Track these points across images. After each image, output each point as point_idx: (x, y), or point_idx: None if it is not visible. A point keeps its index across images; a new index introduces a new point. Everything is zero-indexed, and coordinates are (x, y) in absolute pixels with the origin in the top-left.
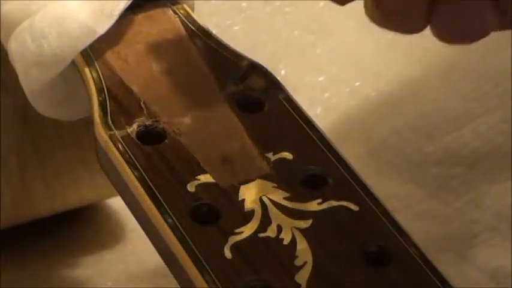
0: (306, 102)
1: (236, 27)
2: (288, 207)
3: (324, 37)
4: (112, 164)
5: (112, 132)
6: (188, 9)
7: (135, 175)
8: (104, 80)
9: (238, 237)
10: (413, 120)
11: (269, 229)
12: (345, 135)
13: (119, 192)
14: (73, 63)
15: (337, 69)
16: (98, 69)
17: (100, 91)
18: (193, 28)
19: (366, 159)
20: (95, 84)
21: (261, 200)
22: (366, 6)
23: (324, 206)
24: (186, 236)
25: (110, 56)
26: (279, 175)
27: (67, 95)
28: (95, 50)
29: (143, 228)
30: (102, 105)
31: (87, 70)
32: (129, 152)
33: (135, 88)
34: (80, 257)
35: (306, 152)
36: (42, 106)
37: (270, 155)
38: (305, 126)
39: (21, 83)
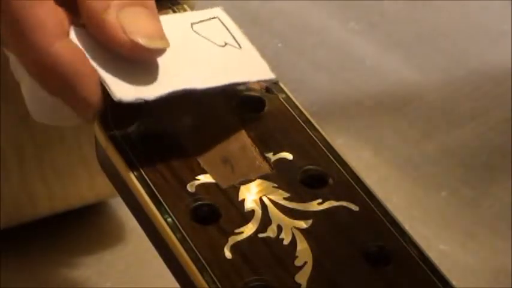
0: (306, 102)
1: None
2: (288, 208)
3: (325, 37)
4: (112, 164)
5: (112, 132)
6: (188, 9)
7: (135, 175)
8: None
9: (238, 238)
10: (413, 120)
11: (269, 229)
12: (344, 134)
13: (119, 192)
14: None
15: (337, 69)
16: None
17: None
18: None
19: (365, 158)
20: None
21: (261, 200)
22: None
23: (324, 206)
24: (186, 236)
25: None
26: (279, 175)
27: None
28: None
29: (143, 228)
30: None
31: None
32: (129, 152)
33: None
34: (80, 257)
35: (306, 152)
36: (43, 114)
37: (270, 155)
38: (305, 126)
39: (22, 91)
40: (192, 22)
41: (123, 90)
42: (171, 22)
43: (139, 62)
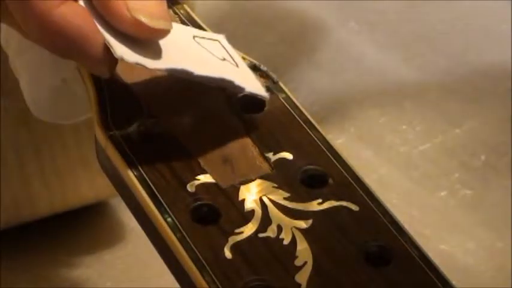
0: (306, 102)
1: (237, 28)
2: (288, 207)
3: (325, 37)
4: (112, 164)
5: (112, 132)
6: (188, 9)
7: (135, 175)
8: (104, 80)
9: (238, 237)
10: (413, 120)
11: (269, 229)
12: (344, 134)
13: (119, 192)
14: (73, 63)
15: (337, 69)
16: None
17: (100, 91)
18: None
19: (365, 158)
20: (95, 83)
21: (261, 200)
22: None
23: (324, 206)
24: (186, 236)
25: None
26: (279, 175)
27: (67, 96)
28: None
29: (143, 228)
30: (102, 105)
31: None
32: (129, 152)
33: (135, 88)
34: (80, 257)
35: (306, 152)
36: (42, 111)
37: (270, 155)
38: (305, 126)
39: (22, 89)
40: (195, 35)
41: (125, 51)
42: (174, 27)
43: (142, 41)
